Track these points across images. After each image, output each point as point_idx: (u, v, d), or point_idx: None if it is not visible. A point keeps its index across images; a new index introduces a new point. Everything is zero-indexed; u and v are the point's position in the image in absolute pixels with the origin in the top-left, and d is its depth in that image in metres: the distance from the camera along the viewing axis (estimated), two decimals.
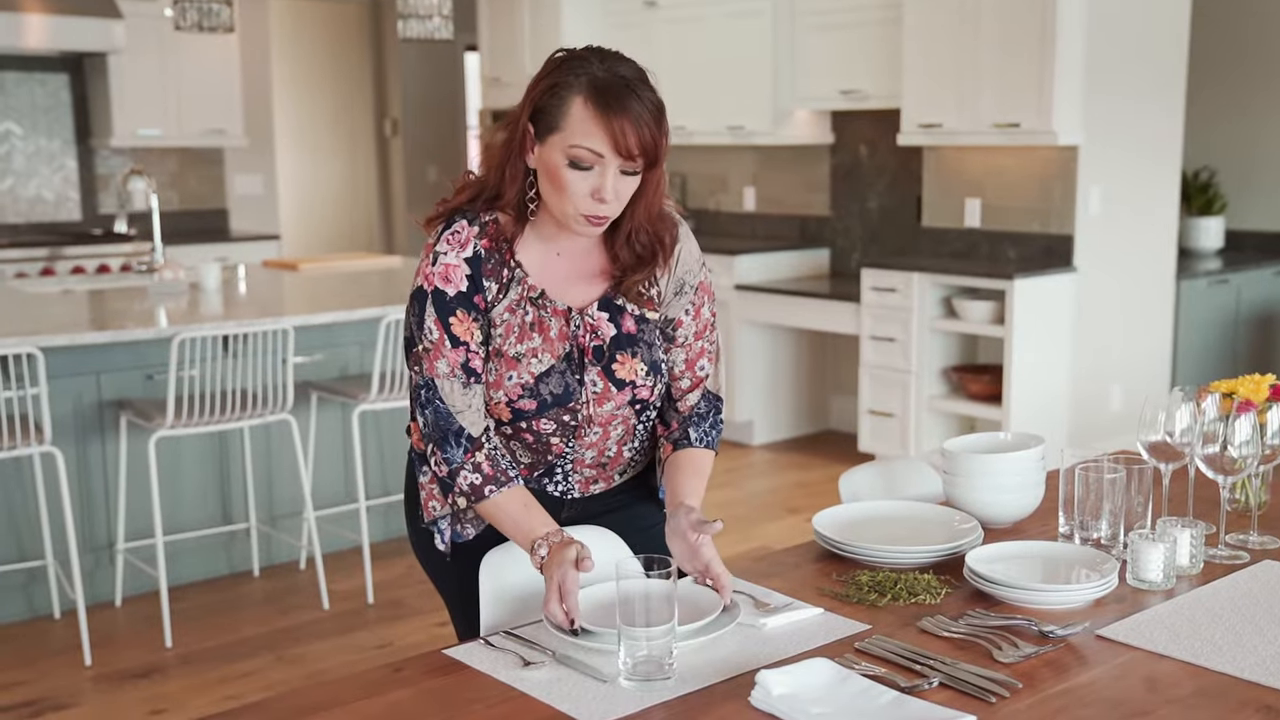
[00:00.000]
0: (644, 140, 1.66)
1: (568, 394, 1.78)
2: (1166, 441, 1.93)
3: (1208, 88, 6.28)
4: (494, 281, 1.77)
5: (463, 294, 1.75)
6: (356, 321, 4.26)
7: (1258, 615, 1.65)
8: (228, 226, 7.40)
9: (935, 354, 5.36)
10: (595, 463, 1.89)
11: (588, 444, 1.85)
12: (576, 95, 1.66)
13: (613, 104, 1.65)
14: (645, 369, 1.82)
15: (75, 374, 3.89)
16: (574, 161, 1.67)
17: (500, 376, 1.78)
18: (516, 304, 1.77)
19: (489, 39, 7.25)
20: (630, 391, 1.82)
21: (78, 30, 6.17)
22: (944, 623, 1.62)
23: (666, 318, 1.87)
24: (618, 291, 1.82)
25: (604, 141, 1.65)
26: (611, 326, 1.81)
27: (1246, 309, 6.08)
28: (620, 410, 1.83)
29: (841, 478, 2.28)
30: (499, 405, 1.79)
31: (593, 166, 1.67)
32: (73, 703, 3.39)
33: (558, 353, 1.78)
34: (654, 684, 1.46)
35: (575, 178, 1.68)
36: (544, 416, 1.79)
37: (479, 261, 1.76)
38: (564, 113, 1.67)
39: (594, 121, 1.65)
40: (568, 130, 1.66)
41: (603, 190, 1.67)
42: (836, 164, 6.25)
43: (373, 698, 1.47)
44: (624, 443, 1.89)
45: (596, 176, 1.67)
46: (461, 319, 1.75)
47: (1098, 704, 1.41)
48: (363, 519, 4.16)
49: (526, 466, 1.87)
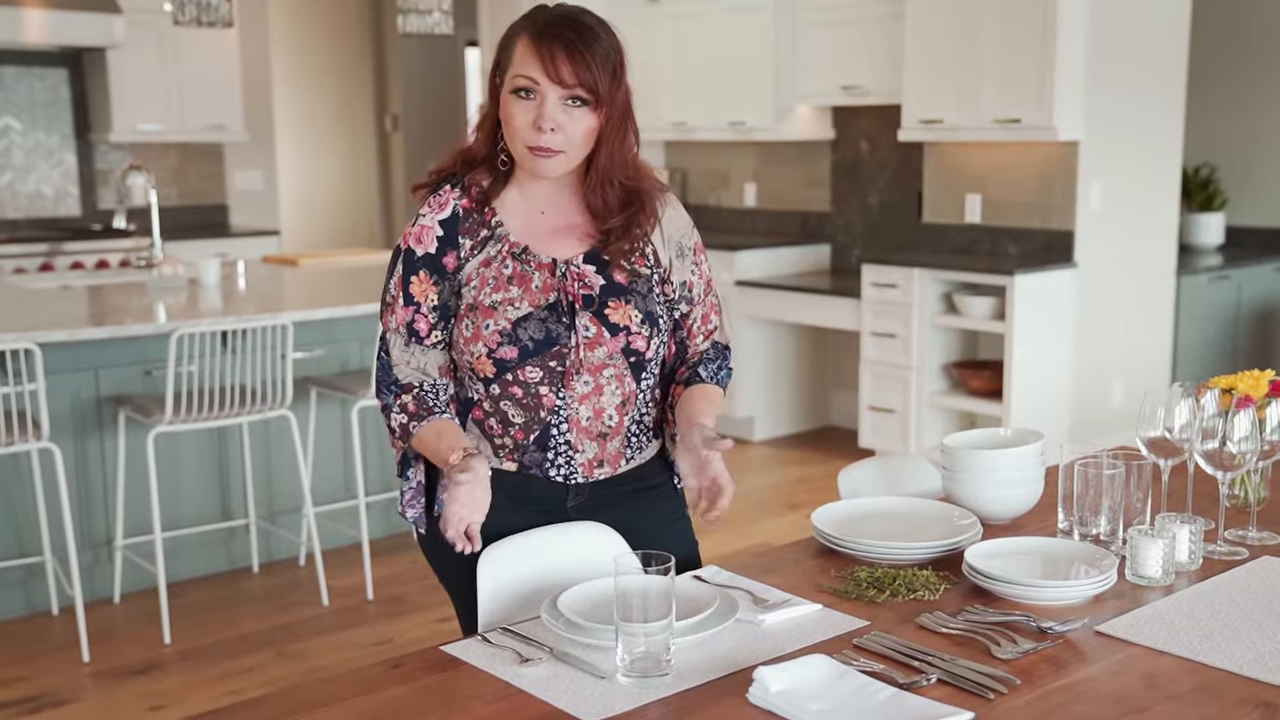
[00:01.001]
0: (577, 67, 1.74)
1: (550, 339, 1.80)
2: (1166, 437, 1.93)
3: (1208, 84, 6.27)
4: (469, 239, 1.84)
5: (429, 255, 1.83)
6: (356, 317, 4.25)
7: (1256, 611, 1.65)
8: (227, 222, 7.39)
9: (936, 350, 5.36)
10: (594, 429, 1.85)
11: (580, 396, 1.83)
12: (524, 34, 1.78)
13: (545, 34, 1.75)
14: (640, 316, 1.84)
15: (74, 369, 3.88)
16: (515, 91, 1.77)
17: (478, 329, 1.81)
18: (493, 258, 1.83)
19: (490, 34, 7.24)
20: (625, 337, 1.83)
21: (77, 25, 6.16)
22: (943, 619, 1.62)
23: (680, 282, 1.92)
24: (606, 241, 1.85)
25: (538, 68, 1.74)
26: (601, 278, 1.84)
27: (1247, 305, 6.07)
28: (613, 360, 1.83)
29: (841, 474, 2.28)
30: (480, 360, 1.82)
31: (532, 95, 1.76)
32: (72, 699, 3.39)
33: (538, 302, 1.81)
34: (652, 680, 1.46)
35: (518, 110, 1.76)
36: (528, 364, 1.80)
37: (455, 221, 1.84)
38: (511, 52, 1.79)
39: (529, 51, 1.76)
40: (514, 65, 1.78)
41: (541, 118, 1.75)
42: (838, 160, 6.25)
43: (371, 694, 1.47)
44: (624, 410, 1.87)
45: (533, 108, 1.76)
46: (421, 280, 1.84)
47: (1096, 700, 1.41)
48: (362, 515, 4.15)
49: (521, 429, 1.84)
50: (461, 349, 1.84)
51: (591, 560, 1.79)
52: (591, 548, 1.84)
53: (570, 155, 1.79)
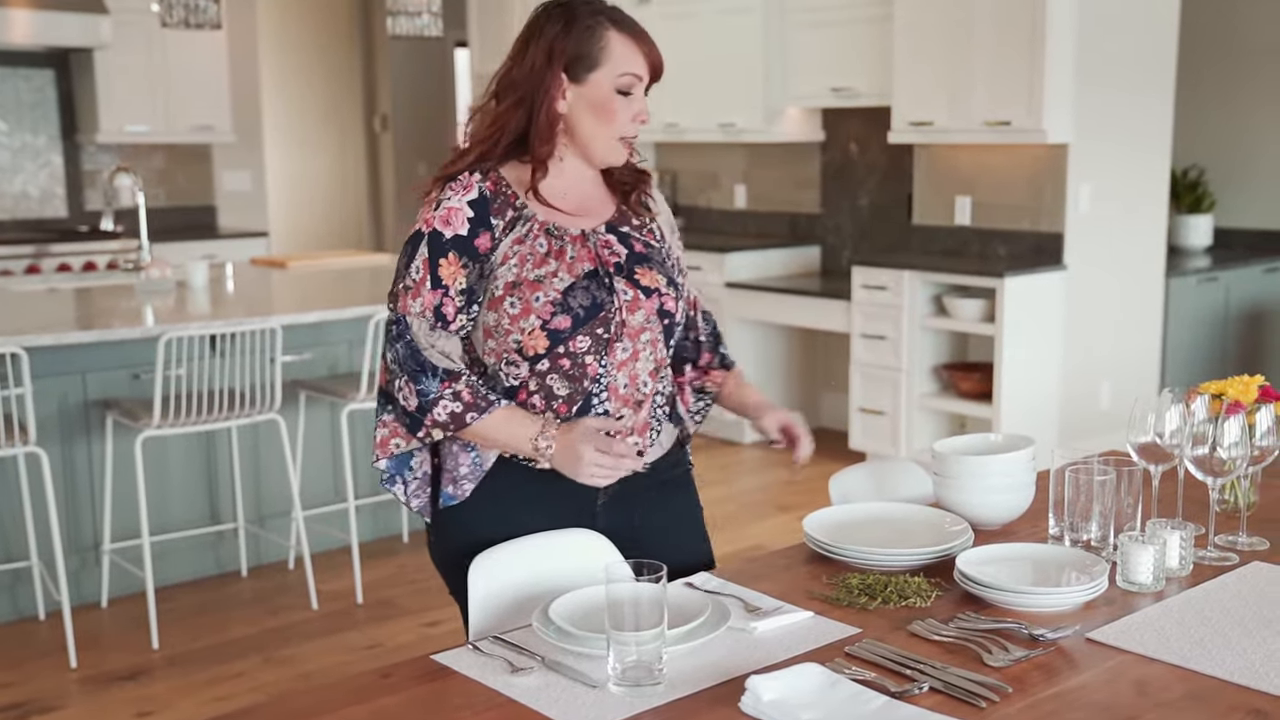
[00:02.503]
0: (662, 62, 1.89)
1: (597, 305, 1.84)
2: (1156, 443, 1.93)
3: (1197, 86, 6.28)
4: (499, 219, 1.85)
5: (460, 237, 1.82)
6: (345, 320, 4.24)
7: (1246, 618, 1.65)
8: (215, 223, 7.37)
9: (926, 352, 5.36)
10: (631, 397, 1.89)
11: (619, 363, 1.87)
12: (610, 30, 1.84)
13: (640, 31, 1.87)
14: (665, 280, 1.92)
15: (60, 373, 3.86)
16: (621, 89, 1.85)
17: (526, 303, 1.82)
18: (525, 236, 1.85)
19: (479, 35, 7.23)
20: (658, 299, 1.90)
21: (63, 26, 6.13)
22: (934, 626, 1.62)
23: (674, 256, 2.01)
24: (623, 218, 1.94)
25: (644, 65, 1.86)
26: (624, 247, 1.91)
27: (1235, 307, 6.09)
28: (650, 323, 1.90)
29: (832, 479, 2.28)
30: (533, 334, 1.82)
31: (632, 92, 1.86)
32: (59, 705, 3.37)
33: (577, 272, 1.85)
34: (643, 689, 1.45)
35: (622, 105, 1.85)
36: (579, 333, 1.83)
37: (485, 202, 1.84)
38: (603, 47, 1.83)
39: (634, 48, 1.85)
40: (613, 62, 1.83)
41: (644, 111, 1.89)
42: (827, 161, 6.25)
43: (361, 704, 1.46)
44: (655, 376, 1.93)
45: (637, 100, 1.87)
46: (451, 261, 1.82)
47: (1088, 708, 1.41)
48: (352, 518, 4.14)
49: (564, 401, 1.85)
50: (507, 329, 1.82)
51: (583, 568, 1.78)
52: (583, 555, 1.83)
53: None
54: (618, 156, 1.90)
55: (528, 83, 1.83)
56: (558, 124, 1.86)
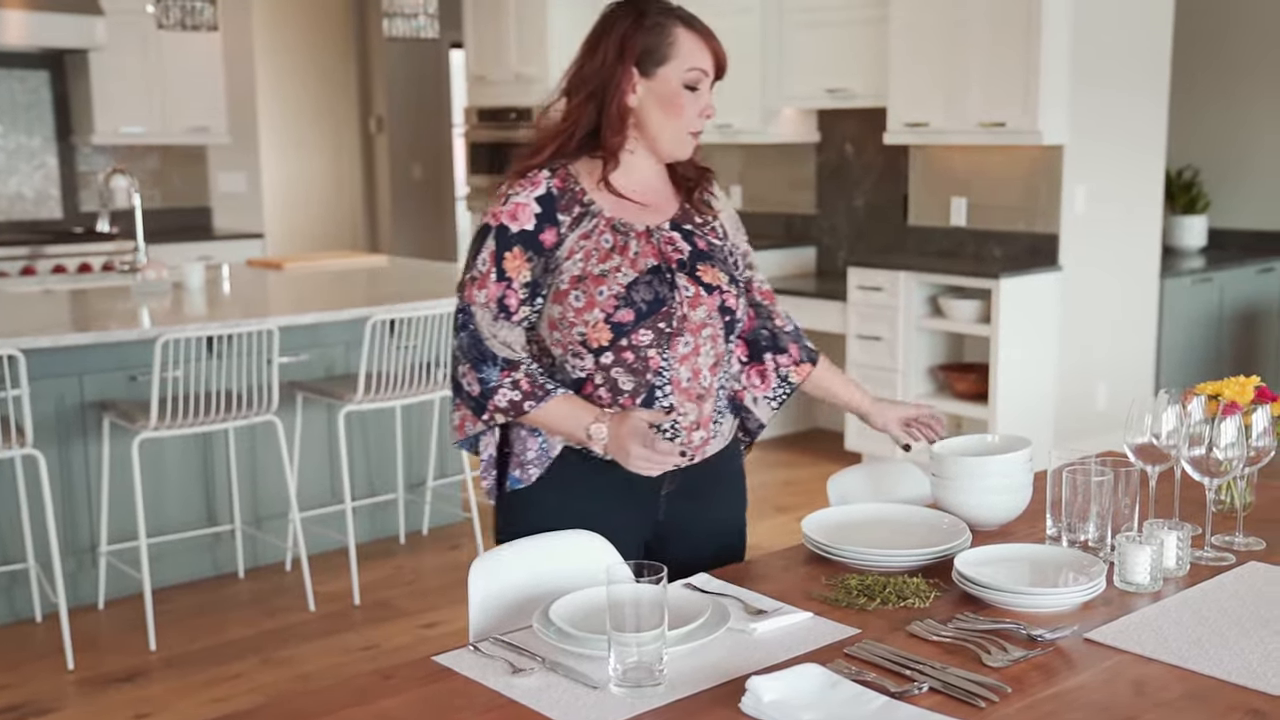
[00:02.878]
0: (726, 57, 1.97)
1: (659, 300, 1.90)
2: (1153, 444, 1.94)
3: (1191, 87, 6.30)
4: (566, 215, 1.91)
5: (526, 231, 1.89)
6: (342, 321, 4.24)
7: (1244, 617, 1.66)
8: (211, 225, 7.36)
9: (922, 352, 5.37)
10: (693, 390, 1.95)
11: (680, 356, 1.93)
12: (678, 26, 1.91)
13: (706, 29, 1.94)
14: (726, 278, 1.98)
15: (57, 375, 3.86)
16: (688, 84, 1.92)
17: (591, 296, 1.88)
18: (590, 232, 1.91)
19: (474, 37, 7.23)
20: (719, 296, 1.96)
21: (58, 27, 6.12)
22: (933, 626, 1.62)
23: (742, 252, 2.10)
24: (686, 216, 2.00)
25: (710, 60, 1.93)
26: (687, 244, 1.97)
27: (1230, 307, 6.11)
28: (711, 319, 1.95)
29: (830, 480, 2.28)
30: (596, 327, 1.88)
31: (699, 87, 1.93)
32: (56, 707, 3.37)
33: (640, 267, 1.91)
34: (644, 690, 1.45)
35: (689, 99, 1.92)
36: (642, 326, 1.89)
37: (552, 199, 1.91)
38: (671, 43, 1.90)
39: (701, 45, 1.92)
40: (681, 57, 1.91)
41: (710, 106, 1.95)
42: (823, 162, 6.26)
43: (362, 705, 1.46)
44: (715, 371, 1.98)
45: (704, 95, 1.94)
46: (517, 255, 1.89)
47: (1086, 708, 1.41)
48: (349, 520, 4.14)
49: (630, 395, 1.92)
50: (571, 321, 1.89)
51: (583, 569, 1.79)
52: (583, 557, 1.84)
53: None
54: (685, 150, 1.96)
55: (598, 78, 1.91)
56: (628, 117, 1.92)
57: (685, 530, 2.02)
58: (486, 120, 7.23)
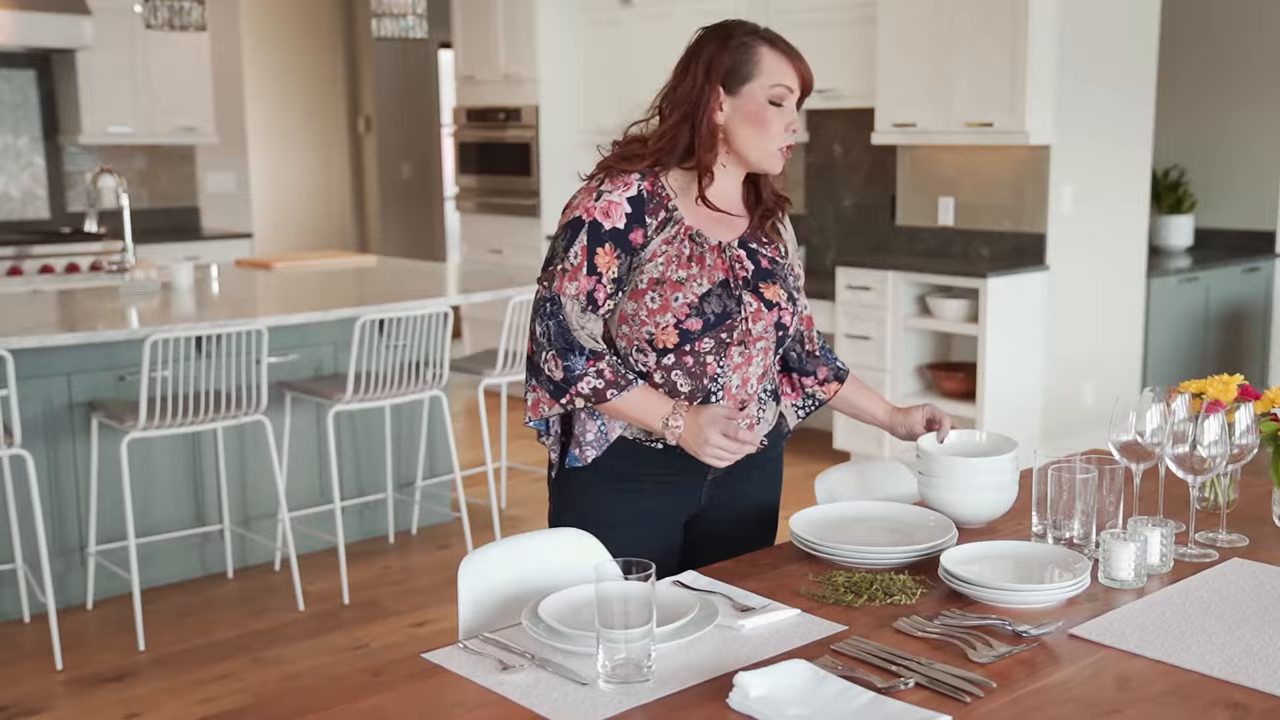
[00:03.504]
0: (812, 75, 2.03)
1: (726, 313, 2.00)
2: (1137, 441, 1.96)
3: (1177, 87, 6.33)
4: (653, 219, 2.00)
5: (617, 229, 1.97)
6: (331, 321, 4.24)
7: (1226, 613, 1.67)
8: (199, 225, 7.35)
9: (910, 352, 5.39)
10: (740, 396, 2.05)
11: (734, 365, 2.03)
12: (762, 46, 2.00)
13: (791, 49, 2.02)
14: (785, 295, 2.08)
15: (45, 375, 3.86)
16: (773, 100, 1.98)
17: (666, 300, 1.97)
18: (673, 238, 2.00)
19: (463, 37, 7.23)
20: (777, 313, 2.06)
21: (45, 26, 6.10)
22: (919, 623, 1.63)
23: (796, 273, 2.16)
24: (754, 235, 2.08)
25: (795, 78, 2.00)
26: (751, 262, 2.06)
27: (1216, 306, 6.14)
28: (767, 334, 2.06)
29: (818, 479, 2.30)
30: (665, 330, 1.98)
31: (783, 103, 1.99)
32: (44, 707, 3.36)
33: (714, 279, 2.00)
34: (632, 686, 1.46)
35: (774, 115, 1.99)
36: (706, 335, 1.99)
37: (642, 201, 1.99)
38: (755, 62, 1.98)
39: (785, 62, 1.99)
40: (765, 74, 1.98)
41: (795, 121, 2.01)
42: (811, 162, 6.27)
43: (352, 702, 1.47)
44: (762, 380, 2.09)
45: (789, 111, 2.01)
46: (608, 251, 1.97)
47: (1070, 703, 1.43)
48: (338, 520, 4.14)
49: (687, 397, 2.01)
50: (643, 320, 1.98)
51: (572, 567, 1.80)
52: (572, 554, 1.85)
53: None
54: (774, 164, 2.03)
55: (689, 98, 2.00)
56: (718, 134, 2.01)
57: (722, 514, 2.13)
58: (475, 120, 7.23)
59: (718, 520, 2.13)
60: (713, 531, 2.13)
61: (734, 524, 2.14)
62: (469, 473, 5.10)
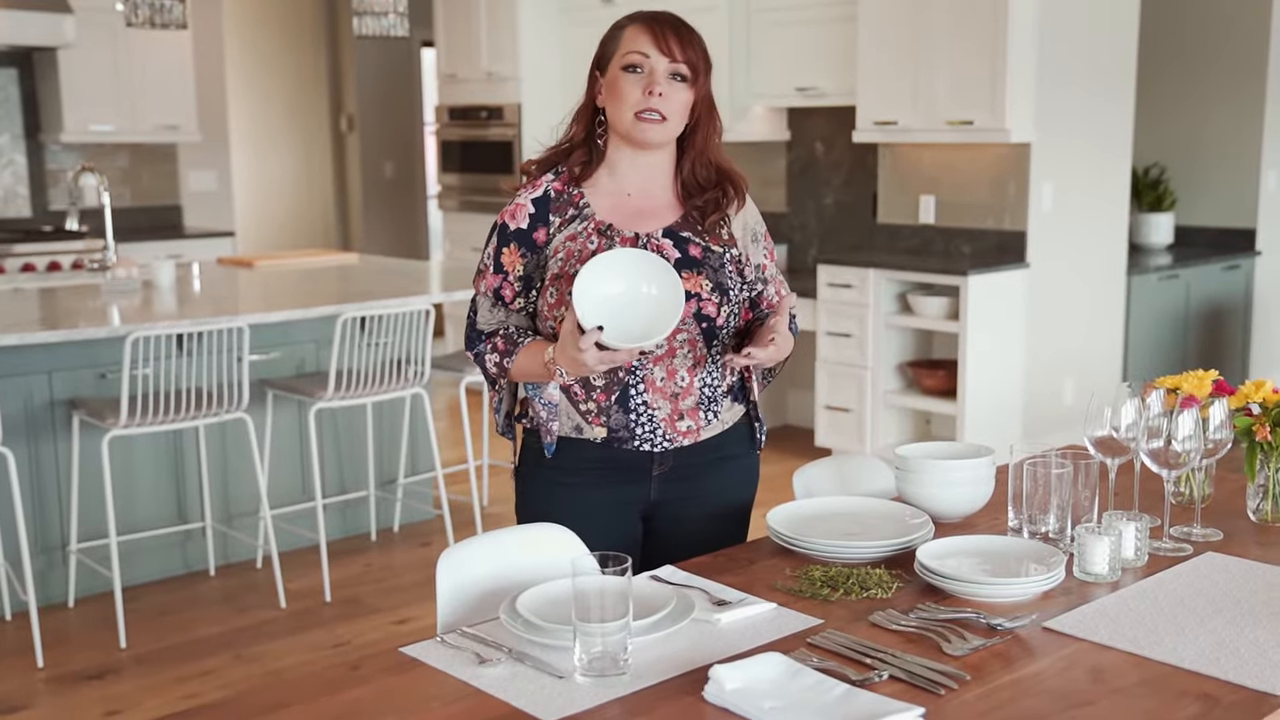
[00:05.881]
0: (684, 45, 2.00)
1: None
2: (1112, 436, 1.97)
3: (1157, 85, 6.37)
4: (558, 216, 2.05)
5: (521, 230, 2.05)
6: (312, 319, 4.23)
7: (1199, 606, 1.69)
8: (181, 223, 7.32)
9: (891, 349, 5.41)
10: (667, 390, 2.02)
11: (654, 358, 2.01)
12: (628, 23, 2.04)
13: (656, 18, 2.02)
14: (710, 285, 2.03)
15: (26, 373, 3.84)
16: (627, 67, 1.99)
17: (561, 294, 1.99)
18: (578, 234, 2.03)
19: (445, 35, 7.23)
20: (696, 304, 2.01)
21: (26, 24, 6.08)
22: (895, 616, 1.65)
23: (756, 264, 2.13)
24: (686, 225, 2.07)
25: (649, 42, 1.99)
26: (676, 251, 2.04)
27: (1196, 304, 6.18)
28: (686, 325, 2.00)
29: (796, 474, 2.31)
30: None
31: (641, 68, 1.99)
32: (26, 705, 3.35)
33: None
34: (609, 679, 1.47)
35: (629, 81, 1.99)
36: None
37: (547, 200, 2.06)
38: (618, 39, 2.03)
39: (640, 31, 2.01)
40: (622, 46, 2.02)
41: (653, 84, 1.98)
42: (793, 160, 6.29)
43: (331, 696, 1.47)
44: (695, 372, 2.05)
45: (646, 77, 1.99)
46: (511, 251, 2.05)
47: (1044, 695, 1.44)
48: (319, 517, 4.14)
49: (602, 390, 2.01)
50: (545, 315, 2.02)
51: (550, 562, 1.81)
52: (550, 549, 1.86)
53: (670, 125, 2.01)
54: (639, 132, 2.00)
55: (587, 94, 2.08)
56: (590, 115, 2.06)
57: (680, 511, 2.11)
58: (457, 118, 7.23)
59: (682, 517, 2.11)
60: (677, 528, 2.12)
61: (700, 520, 2.12)
62: (451, 470, 5.10)
